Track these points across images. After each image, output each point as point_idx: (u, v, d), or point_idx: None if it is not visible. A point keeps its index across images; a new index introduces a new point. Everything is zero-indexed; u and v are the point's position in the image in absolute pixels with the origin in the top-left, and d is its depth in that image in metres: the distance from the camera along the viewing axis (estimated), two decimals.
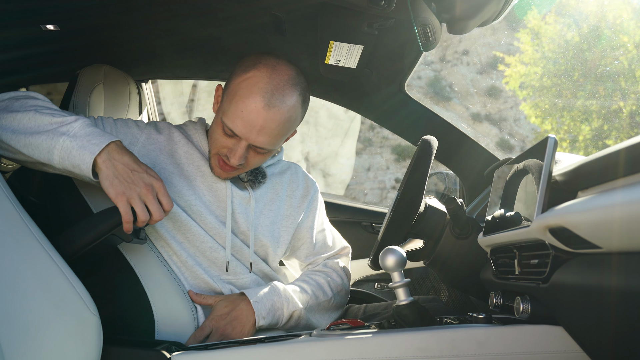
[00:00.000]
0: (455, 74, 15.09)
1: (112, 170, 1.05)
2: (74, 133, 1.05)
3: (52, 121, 1.07)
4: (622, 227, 0.64)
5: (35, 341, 0.95)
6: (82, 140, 1.04)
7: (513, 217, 1.00)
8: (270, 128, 1.19)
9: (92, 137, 1.05)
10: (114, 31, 1.53)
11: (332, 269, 1.50)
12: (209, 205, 1.31)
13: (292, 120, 1.23)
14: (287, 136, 1.31)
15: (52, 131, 1.05)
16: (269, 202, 1.43)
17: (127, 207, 1.05)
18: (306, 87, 1.27)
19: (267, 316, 1.27)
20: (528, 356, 0.92)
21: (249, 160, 1.27)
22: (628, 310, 0.70)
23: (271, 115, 1.18)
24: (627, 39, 11.05)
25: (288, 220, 1.46)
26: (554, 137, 0.93)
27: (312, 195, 1.53)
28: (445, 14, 1.12)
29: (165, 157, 1.30)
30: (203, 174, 1.32)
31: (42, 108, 1.10)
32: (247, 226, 1.36)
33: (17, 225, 1.01)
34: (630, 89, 10.96)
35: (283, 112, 1.19)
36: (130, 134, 1.29)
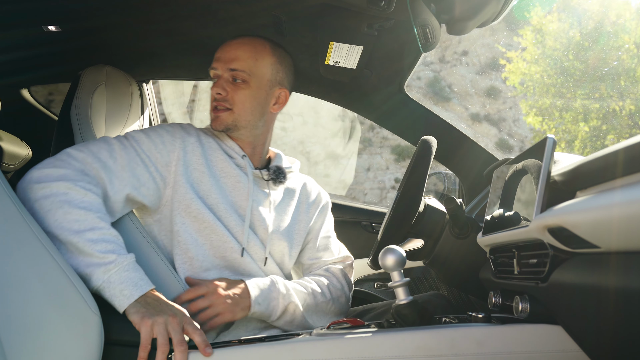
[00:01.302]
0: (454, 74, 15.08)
1: (142, 307, 1.06)
2: (108, 278, 1.07)
3: (92, 258, 1.08)
4: (621, 227, 0.64)
5: (37, 340, 0.95)
6: (114, 289, 1.07)
7: (512, 217, 1.00)
8: (238, 52, 1.39)
9: (125, 286, 1.07)
10: (116, 32, 1.53)
11: (332, 274, 1.49)
12: (233, 204, 1.36)
13: (259, 50, 1.40)
14: (265, 75, 1.41)
15: (92, 264, 1.08)
16: (285, 206, 1.49)
17: (149, 334, 1.02)
18: (281, 52, 1.45)
19: (262, 303, 1.26)
20: (527, 355, 0.93)
21: (230, 95, 1.38)
22: (626, 309, 0.70)
23: (236, 43, 1.40)
24: (627, 39, 11.04)
25: (301, 224, 1.52)
26: (552, 137, 0.93)
27: (324, 205, 1.61)
28: (445, 15, 1.12)
29: (197, 158, 1.36)
30: (227, 175, 1.38)
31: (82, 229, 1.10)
32: (265, 224, 1.40)
33: (18, 225, 1.01)
34: (629, 88, 10.96)
35: (246, 40, 1.40)
36: (168, 143, 1.34)
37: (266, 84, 1.42)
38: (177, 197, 1.30)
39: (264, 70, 1.41)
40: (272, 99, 1.45)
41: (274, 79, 1.43)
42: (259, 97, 1.42)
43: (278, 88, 1.45)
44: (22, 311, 0.96)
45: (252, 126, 1.43)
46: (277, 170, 1.47)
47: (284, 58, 1.46)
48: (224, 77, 1.39)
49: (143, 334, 1.01)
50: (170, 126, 1.39)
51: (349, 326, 1.04)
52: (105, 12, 1.40)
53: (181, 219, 1.30)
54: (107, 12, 1.40)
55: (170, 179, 1.31)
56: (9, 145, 1.50)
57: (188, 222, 1.30)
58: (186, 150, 1.35)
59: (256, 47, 1.40)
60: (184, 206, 1.30)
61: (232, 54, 1.39)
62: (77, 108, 1.41)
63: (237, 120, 1.40)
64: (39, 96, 1.97)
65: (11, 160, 1.51)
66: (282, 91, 1.46)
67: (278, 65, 1.44)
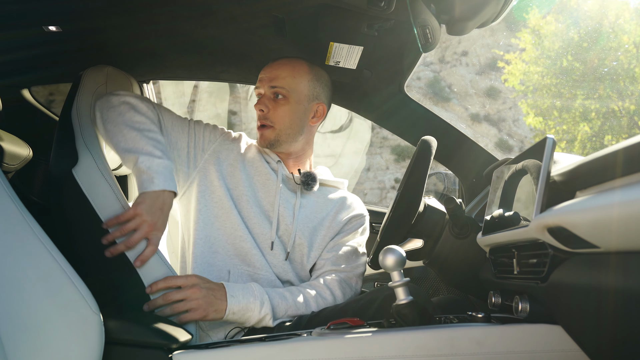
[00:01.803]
0: (454, 74, 15.09)
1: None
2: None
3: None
4: (620, 227, 0.64)
5: (38, 340, 0.95)
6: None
7: (512, 217, 1.00)
8: (278, 71, 1.53)
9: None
10: (116, 32, 1.53)
11: (325, 285, 1.44)
12: (258, 200, 1.49)
13: (297, 69, 1.53)
14: (303, 91, 1.54)
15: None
16: (315, 211, 1.55)
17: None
18: (318, 70, 1.59)
19: (237, 312, 1.27)
20: (527, 355, 0.93)
21: (272, 112, 1.52)
22: (626, 309, 0.71)
23: (277, 64, 1.55)
24: (626, 39, 11.04)
25: (327, 231, 1.54)
26: (552, 137, 0.93)
27: (358, 217, 1.61)
28: (445, 15, 1.12)
29: (234, 155, 1.53)
30: (259, 173, 1.52)
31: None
32: (286, 223, 1.48)
33: (19, 225, 1.01)
34: (629, 89, 10.96)
35: (285, 61, 1.55)
36: (212, 134, 1.54)
37: (304, 99, 1.54)
38: (205, 182, 1.46)
39: (301, 86, 1.53)
40: (311, 112, 1.57)
41: (312, 94, 1.56)
42: (298, 112, 1.53)
43: (316, 103, 1.57)
44: (22, 311, 0.96)
45: (293, 139, 1.55)
46: (309, 175, 1.53)
47: (320, 75, 1.59)
48: (266, 95, 1.53)
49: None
50: (225, 129, 1.59)
51: (349, 326, 1.04)
52: (106, 12, 1.40)
53: (204, 200, 1.45)
54: (107, 13, 1.40)
55: (200, 164, 1.48)
56: (10, 146, 1.50)
57: (210, 205, 1.45)
58: (225, 146, 1.53)
59: (294, 67, 1.53)
60: (209, 191, 1.45)
61: (272, 73, 1.52)
62: (78, 108, 1.41)
63: (279, 135, 1.53)
64: (39, 96, 1.97)
65: (12, 161, 1.50)
66: (320, 105, 1.58)
67: (315, 82, 1.56)
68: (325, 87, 1.60)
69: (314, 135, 1.65)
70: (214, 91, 9.71)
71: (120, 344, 1.05)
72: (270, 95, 1.52)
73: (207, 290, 1.25)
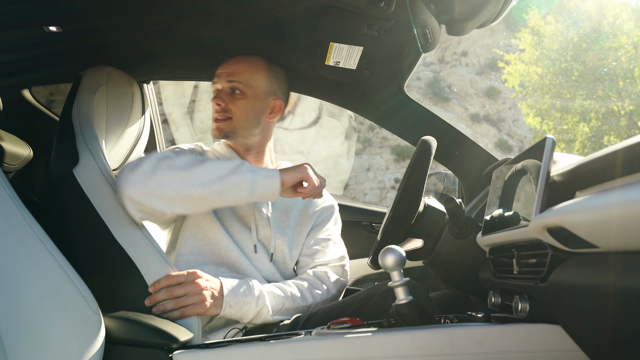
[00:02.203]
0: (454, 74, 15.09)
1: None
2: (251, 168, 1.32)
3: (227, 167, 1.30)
4: (620, 227, 0.64)
5: (38, 340, 0.95)
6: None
7: (511, 217, 1.01)
8: (235, 67, 1.54)
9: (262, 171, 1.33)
10: (117, 33, 1.53)
11: (316, 277, 1.48)
12: (234, 207, 1.49)
13: (255, 65, 1.55)
14: (260, 86, 1.55)
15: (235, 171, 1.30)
16: (285, 208, 1.58)
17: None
18: (275, 67, 1.60)
19: (234, 305, 1.28)
20: (526, 355, 0.93)
21: (229, 105, 1.52)
22: (625, 309, 0.71)
23: (235, 60, 1.56)
24: (625, 40, 11.05)
25: (302, 227, 1.58)
26: (552, 137, 0.93)
27: (327, 208, 1.66)
28: (445, 16, 1.13)
29: None
30: None
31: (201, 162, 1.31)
32: (265, 225, 1.50)
33: (20, 225, 1.02)
34: (628, 89, 10.97)
35: (243, 57, 1.57)
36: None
37: (262, 95, 1.55)
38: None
39: (259, 82, 1.55)
40: (268, 108, 1.58)
41: (269, 90, 1.57)
42: (255, 107, 1.55)
43: (273, 98, 1.58)
44: (23, 310, 0.96)
45: (250, 133, 1.56)
46: None
47: (277, 72, 1.61)
48: (223, 90, 1.54)
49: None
50: (185, 145, 1.55)
51: (349, 326, 1.04)
52: (106, 12, 1.40)
53: (187, 217, 1.46)
54: (108, 13, 1.40)
55: None
56: (10, 146, 1.50)
57: (191, 218, 1.46)
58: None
59: (252, 63, 1.56)
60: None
61: (230, 69, 1.54)
62: (79, 108, 1.41)
63: (236, 128, 1.53)
64: (40, 97, 1.97)
65: (12, 161, 1.51)
66: (277, 101, 1.60)
67: (272, 78, 1.58)
68: (282, 84, 1.62)
69: (271, 130, 1.65)
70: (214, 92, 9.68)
71: (121, 344, 1.06)
72: (228, 90, 1.53)
73: (207, 285, 1.27)
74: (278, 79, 1.60)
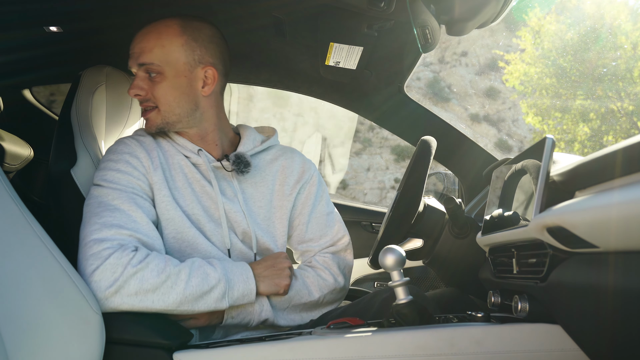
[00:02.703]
0: (454, 75, 15.09)
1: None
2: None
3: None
4: (619, 227, 0.64)
5: (38, 339, 0.95)
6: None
7: (511, 216, 1.01)
8: (142, 44, 1.28)
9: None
10: (116, 33, 1.53)
11: (322, 266, 1.39)
12: (206, 210, 1.31)
13: (164, 35, 1.27)
14: (179, 59, 1.29)
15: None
16: (260, 197, 1.39)
17: None
18: (192, 28, 1.31)
19: (236, 317, 1.24)
20: (526, 354, 0.93)
21: (150, 93, 1.28)
22: (625, 308, 0.71)
23: (142, 33, 1.29)
24: (624, 40, 11.06)
25: (280, 211, 1.41)
26: (551, 137, 0.93)
27: (307, 178, 1.46)
28: (444, 16, 1.13)
29: (160, 175, 1.28)
30: (193, 180, 1.32)
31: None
32: (241, 222, 1.33)
33: (20, 224, 1.02)
34: (628, 89, 10.98)
35: (150, 28, 1.29)
36: (140, 167, 1.26)
37: (184, 68, 1.29)
38: (160, 211, 1.26)
39: (175, 55, 1.28)
40: (199, 81, 1.32)
41: (192, 60, 1.30)
42: (180, 85, 1.29)
43: (201, 68, 1.31)
44: (23, 310, 0.96)
45: (187, 117, 1.32)
46: (237, 159, 1.33)
47: (197, 33, 1.31)
48: (138, 76, 1.29)
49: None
50: (128, 147, 1.29)
51: (349, 325, 1.04)
52: (106, 13, 1.40)
53: (167, 232, 1.27)
54: (107, 13, 1.40)
55: (156, 200, 1.26)
56: (11, 146, 1.51)
57: (171, 239, 1.27)
58: (156, 168, 1.28)
59: (160, 33, 1.28)
60: (168, 221, 1.26)
61: (138, 47, 1.28)
62: (78, 108, 1.41)
63: (167, 117, 1.31)
64: (40, 97, 1.98)
65: (13, 161, 1.51)
66: (208, 69, 1.32)
67: (192, 43, 1.29)
68: (208, 46, 1.32)
69: (217, 103, 1.38)
70: None
71: (121, 344, 1.06)
72: (143, 75, 1.28)
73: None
74: (200, 43, 1.31)
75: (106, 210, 1.16)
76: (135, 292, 1.08)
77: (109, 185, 1.21)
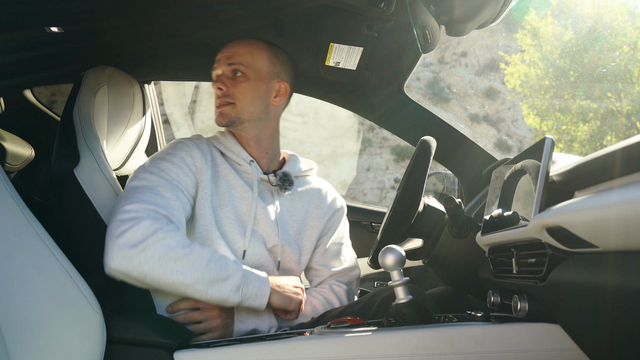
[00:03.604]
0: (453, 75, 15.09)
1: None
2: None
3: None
4: (619, 227, 0.65)
5: (40, 339, 0.96)
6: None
7: (511, 216, 1.01)
8: (235, 49, 1.46)
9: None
10: (118, 33, 1.53)
11: (336, 296, 1.49)
12: (239, 215, 1.39)
13: (254, 46, 1.47)
14: (262, 68, 1.46)
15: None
16: (295, 212, 1.51)
17: None
18: (276, 48, 1.52)
19: (248, 323, 1.29)
20: (525, 354, 0.93)
21: (232, 89, 1.43)
22: (624, 308, 0.71)
23: (234, 42, 1.48)
24: (623, 40, 11.06)
25: (312, 230, 1.53)
26: (551, 137, 0.94)
27: (338, 208, 1.62)
28: (444, 16, 1.13)
29: (207, 171, 1.38)
30: (234, 186, 1.42)
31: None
32: (272, 233, 1.42)
33: (21, 224, 1.02)
34: (627, 89, 10.98)
35: (242, 40, 1.48)
36: (191, 165, 1.36)
37: (265, 77, 1.47)
38: (195, 210, 1.35)
39: (260, 63, 1.46)
40: (273, 91, 1.49)
41: (272, 71, 1.48)
42: (259, 89, 1.46)
43: (277, 81, 1.50)
44: (24, 310, 0.96)
45: (256, 118, 1.47)
46: (284, 176, 1.47)
47: (279, 53, 1.52)
48: (224, 74, 1.45)
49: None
50: (186, 147, 1.40)
51: (349, 325, 1.04)
52: (108, 13, 1.40)
53: (190, 228, 1.35)
54: (109, 14, 1.41)
55: (198, 196, 1.35)
56: (12, 146, 1.51)
57: (197, 234, 1.35)
58: (207, 169, 1.38)
59: (252, 44, 1.47)
60: (200, 216, 1.35)
61: (229, 51, 1.46)
62: (80, 109, 1.41)
63: (240, 113, 1.44)
64: (41, 97, 1.98)
65: (14, 161, 1.52)
66: (282, 84, 1.51)
67: (274, 59, 1.49)
68: (285, 66, 1.53)
69: (279, 117, 1.56)
70: (215, 92, 9.69)
71: (122, 343, 1.06)
72: (229, 73, 1.45)
73: (224, 312, 1.27)
74: (281, 61, 1.51)
75: (148, 192, 1.24)
76: (159, 256, 1.13)
77: (159, 173, 1.30)
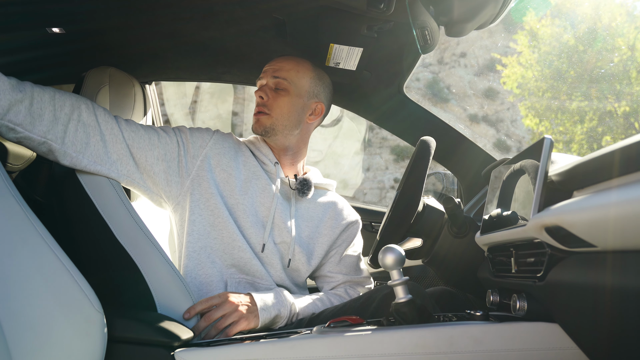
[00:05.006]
0: (453, 75, 15.09)
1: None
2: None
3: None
4: (617, 226, 0.65)
5: (41, 338, 0.96)
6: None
7: (510, 216, 1.01)
8: (282, 63, 1.54)
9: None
10: (119, 34, 1.54)
11: (349, 296, 1.54)
12: (255, 208, 1.45)
13: (301, 65, 1.54)
14: (304, 86, 1.54)
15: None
16: (310, 217, 1.56)
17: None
18: (321, 71, 1.60)
19: (267, 322, 1.32)
20: (524, 353, 0.94)
21: (271, 101, 1.51)
22: (623, 307, 0.71)
23: (282, 57, 1.56)
24: (621, 41, 11.07)
25: (323, 238, 1.57)
26: (550, 137, 0.94)
27: (353, 222, 1.65)
28: (443, 17, 1.13)
29: (227, 160, 1.47)
30: (257, 178, 1.49)
31: None
32: (285, 231, 1.47)
33: (23, 224, 1.02)
34: (624, 90, 10.99)
35: (290, 57, 1.56)
36: (201, 138, 1.46)
37: (304, 94, 1.54)
38: (199, 189, 1.41)
39: (303, 81, 1.54)
40: (309, 109, 1.56)
41: (312, 91, 1.56)
42: (297, 105, 1.53)
43: (315, 101, 1.57)
44: (25, 309, 0.96)
45: (288, 132, 1.54)
46: (304, 181, 1.52)
47: (323, 76, 1.60)
48: (268, 85, 1.53)
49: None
50: (211, 129, 1.53)
51: (349, 324, 1.05)
52: (109, 14, 1.41)
53: (199, 210, 1.40)
54: (110, 15, 1.41)
55: (193, 171, 1.42)
56: (14, 146, 1.51)
57: (205, 214, 1.40)
58: (216, 150, 1.46)
59: (299, 62, 1.55)
60: (204, 199, 1.41)
61: (277, 65, 1.54)
62: None
63: (275, 124, 1.51)
64: None
65: (15, 161, 1.52)
66: (319, 104, 1.58)
67: (317, 81, 1.57)
68: (326, 89, 1.60)
69: (310, 134, 1.63)
70: (216, 92, 9.70)
71: (123, 342, 1.06)
72: (272, 85, 1.52)
73: (240, 300, 1.30)
74: (323, 83, 1.59)
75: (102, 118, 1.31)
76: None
77: (173, 129, 1.46)
